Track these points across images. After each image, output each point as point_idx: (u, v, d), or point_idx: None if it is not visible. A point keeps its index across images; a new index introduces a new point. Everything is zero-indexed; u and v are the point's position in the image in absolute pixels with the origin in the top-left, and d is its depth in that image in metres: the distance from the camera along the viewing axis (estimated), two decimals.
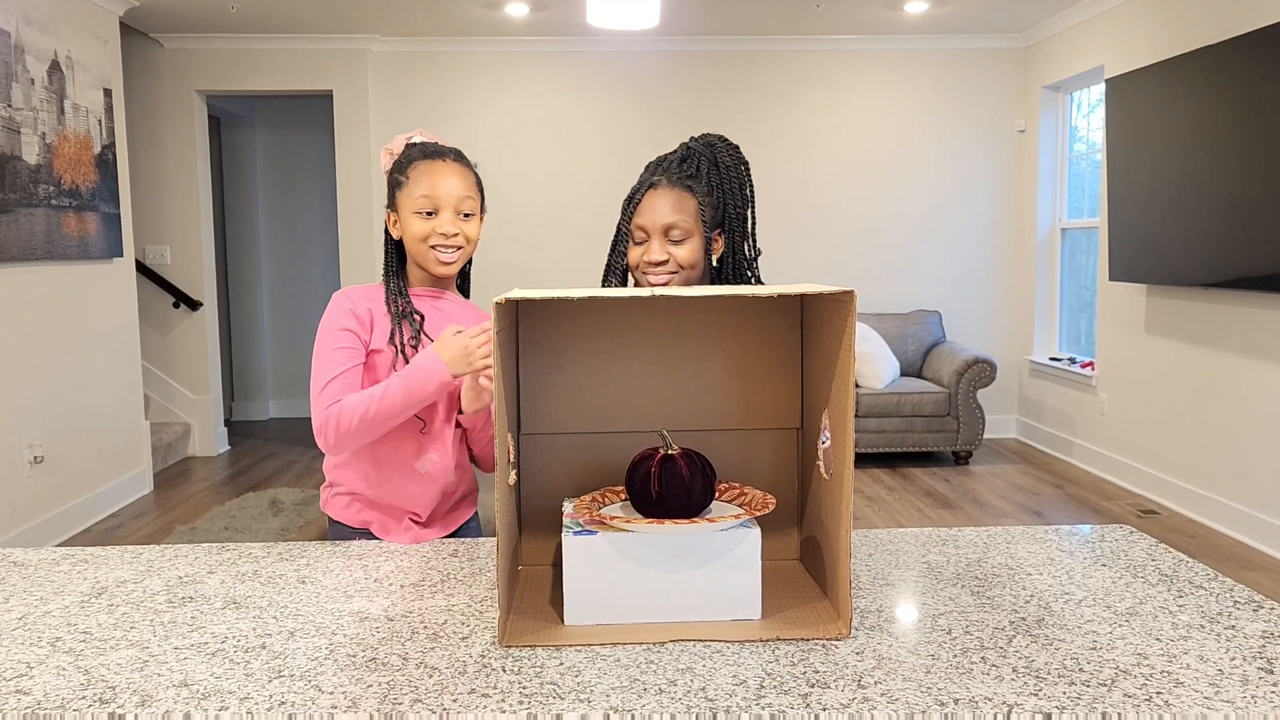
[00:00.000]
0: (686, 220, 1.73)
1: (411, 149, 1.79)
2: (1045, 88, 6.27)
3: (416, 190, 1.73)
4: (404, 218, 1.75)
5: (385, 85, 6.42)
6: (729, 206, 1.77)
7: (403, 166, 1.76)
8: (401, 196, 1.75)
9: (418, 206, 1.72)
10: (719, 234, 1.79)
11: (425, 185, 1.72)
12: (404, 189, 1.75)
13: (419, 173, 1.74)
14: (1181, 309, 4.84)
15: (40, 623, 1.26)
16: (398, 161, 1.78)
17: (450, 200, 1.73)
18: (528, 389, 1.46)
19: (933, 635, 1.18)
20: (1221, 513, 4.55)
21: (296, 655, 1.14)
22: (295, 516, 4.91)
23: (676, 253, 1.74)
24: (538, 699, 1.03)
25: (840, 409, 1.23)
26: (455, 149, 1.81)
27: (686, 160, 1.78)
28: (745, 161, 1.79)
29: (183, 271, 6.34)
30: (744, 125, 6.52)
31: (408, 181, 1.74)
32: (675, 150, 1.81)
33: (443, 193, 1.72)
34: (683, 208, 1.73)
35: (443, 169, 1.74)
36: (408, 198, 1.74)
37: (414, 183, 1.73)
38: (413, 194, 1.73)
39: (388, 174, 1.81)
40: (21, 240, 4.27)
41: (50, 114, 4.52)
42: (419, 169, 1.74)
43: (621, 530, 1.23)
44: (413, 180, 1.74)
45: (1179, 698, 1.02)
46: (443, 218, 1.72)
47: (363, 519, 1.80)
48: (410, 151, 1.78)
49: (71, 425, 4.71)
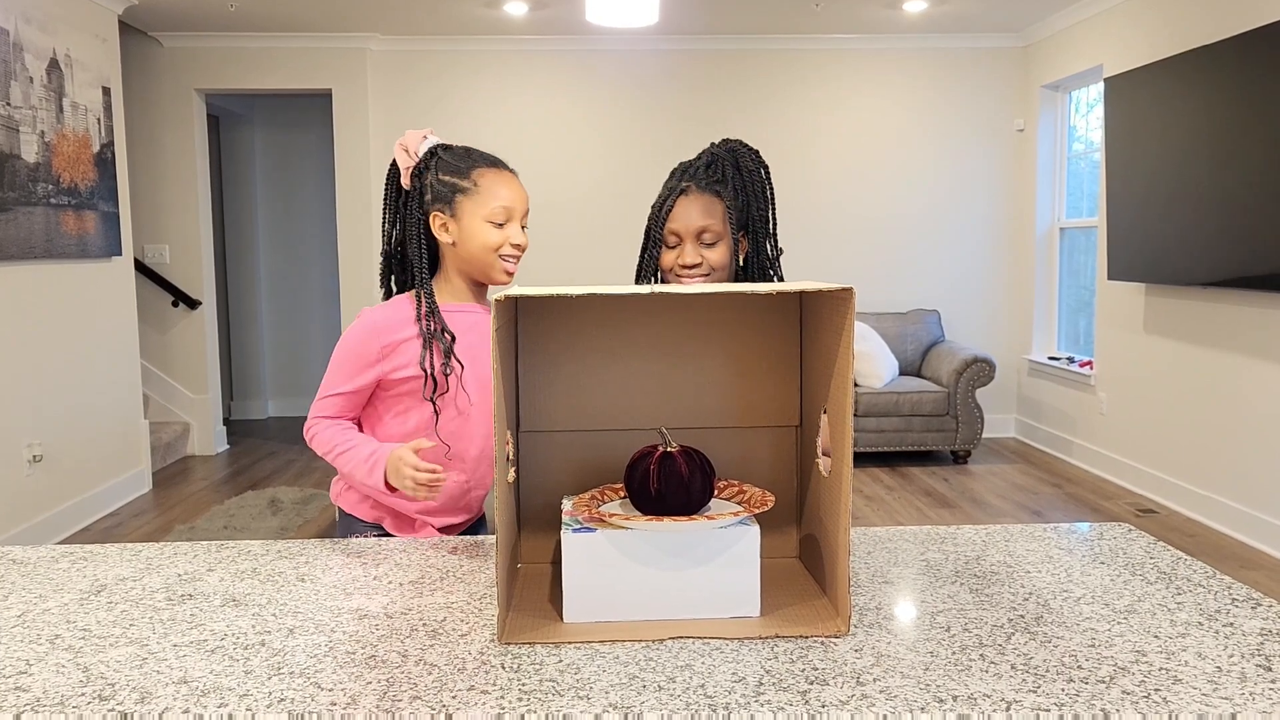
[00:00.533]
0: (717, 224, 1.82)
1: (469, 153, 1.77)
2: (1044, 87, 6.27)
3: (492, 199, 1.72)
4: (471, 224, 1.72)
5: (384, 84, 6.42)
6: (752, 209, 1.85)
7: (464, 172, 1.73)
8: (467, 202, 1.72)
9: (493, 216, 1.71)
10: (743, 235, 1.86)
11: (501, 195, 1.72)
12: (472, 195, 1.72)
13: (490, 181, 1.73)
14: (1180, 308, 4.84)
15: (39, 620, 1.26)
16: (451, 165, 1.75)
17: (520, 210, 1.75)
18: (527, 386, 1.46)
19: (931, 633, 1.18)
20: (1220, 512, 4.55)
21: (296, 652, 1.14)
22: (294, 515, 4.91)
23: (709, 255, 1.82)
24: (537, 696, 1.03)
25: (839, 407, 1.24)
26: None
27: (712, 166, 1.86)
28: (765, 165, 1.89)
29: (181, 270, 6.34)
30: (743, 124, 6.52)
31: (476, 189, 1.72)
32: (700, 156, 1.88)
33: (518, 204, 1.74)
34: (712, 212, 1.82)
35: (512, 180, 1.76)
36: (479, 205, 1.71)
37: (486, 191, 1.72)
38: (487, 202, 1.71)
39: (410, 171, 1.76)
40: (20, 239, 4.26)
41: (49, 112, 4.52)
42: (489, 177, 1.73)
43: (620, 528, 1.23)
44: (484, 188, 1.72)
45: (1177, 695, 1.02)
46: (513, 227, 1.73)
47: (376, 515, 1.82)
48: (467, 156, 1.76)
49: (70, 424, 4.71)
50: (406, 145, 1.77)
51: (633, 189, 6.56)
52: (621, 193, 6.56)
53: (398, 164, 1.79)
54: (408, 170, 1.77)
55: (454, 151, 1.77)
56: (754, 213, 1.85)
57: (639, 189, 6.56)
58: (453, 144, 1.80)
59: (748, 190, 1.84)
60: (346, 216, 6.40)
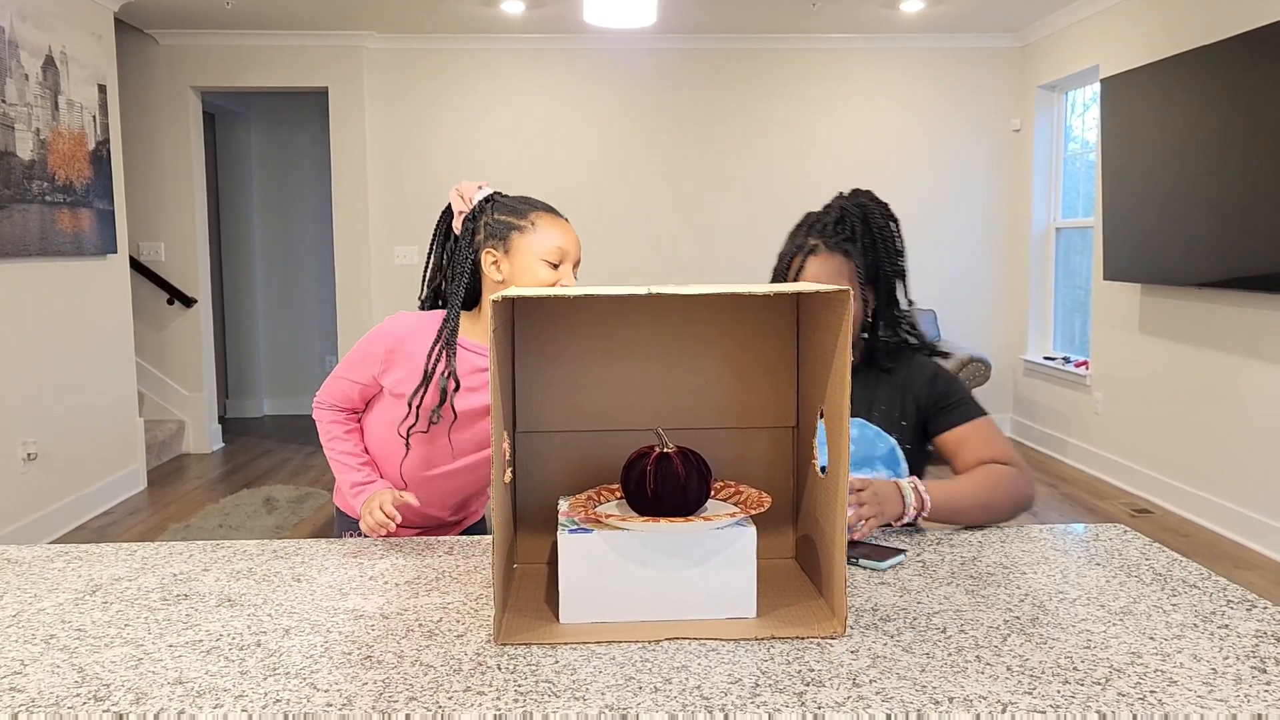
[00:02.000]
0: (844, 284, 1.82)
1: (527, 199, 1.81)
2: (1040, 87, 6.28)
3: (549, 240, 1.75)
4: (525, 262, 1.75)
5: (381, 82, 6.41)
6: (881, 265, 1.86)
7: (521, 212, 1.77)
8: (523, 241, 1.75)
9: (550, 256, 1.75)
10: (872, 289, 1.87)
11: (559, 238, 1.76)
12: (528, 234, 1.75)
13: (547, 224, 1.77)
14: (1176, 308, 4.85)
15: (34, 620, 1.25)
16: (508, 205, 1.79)
17: (574, 255, 1.79)
18: (524, 387, 1.46)
19: (927, 634, 1.18)
20: (1215, 512, 4.56)
21: (291, 653, 1.14)
22: (290, 514, 4.91)
23: None
24: (533, 697, 1.03)
25: (836, 408, 1.24)
26: None
27: (841, 222, 1.87)
28: (895, 219, 1.89)
29: (177, 268, 6.33)
30: (739, 123, 6.52)
31: (534, 229, 1.76)
32: (829, 210, 1.90)
33: (572, 249, 1.78)
34: (841, 272, 1.83)
35: (568, 226, 1.80)
36: (536, 244, 1.75)
37: (543, 232, 1.76)
38: (545, 243, 1.75)
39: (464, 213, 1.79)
40: (15, 236, 4.25)
41: (44, 110, 4.51)
42: (545, 220, 1.77)
43: (617, 528, 1.23)
44: (540, 229, 1.76)
45: (1173, 696, 1.02)
46: (565, 269, 1.77)
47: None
48: (525, 200, 1.80)
49: (65, 422, 4.70)
50: (462, 192, 1.81)
51: (630, 188, 6.56)
52: (619, 192, 6.56)
53: (452, 208, 1.83)
54: (460, 215, 1.80)
55: (512, 197, 1.82)
56: (884, 268, 1.86)
57: (636, 188, 6.56)
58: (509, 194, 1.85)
59: (876, 247, 1.86)
60: (342, 215, 6.39)
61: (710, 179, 6.57)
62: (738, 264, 6.59)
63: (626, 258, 6.59)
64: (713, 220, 6.59)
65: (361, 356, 1.79)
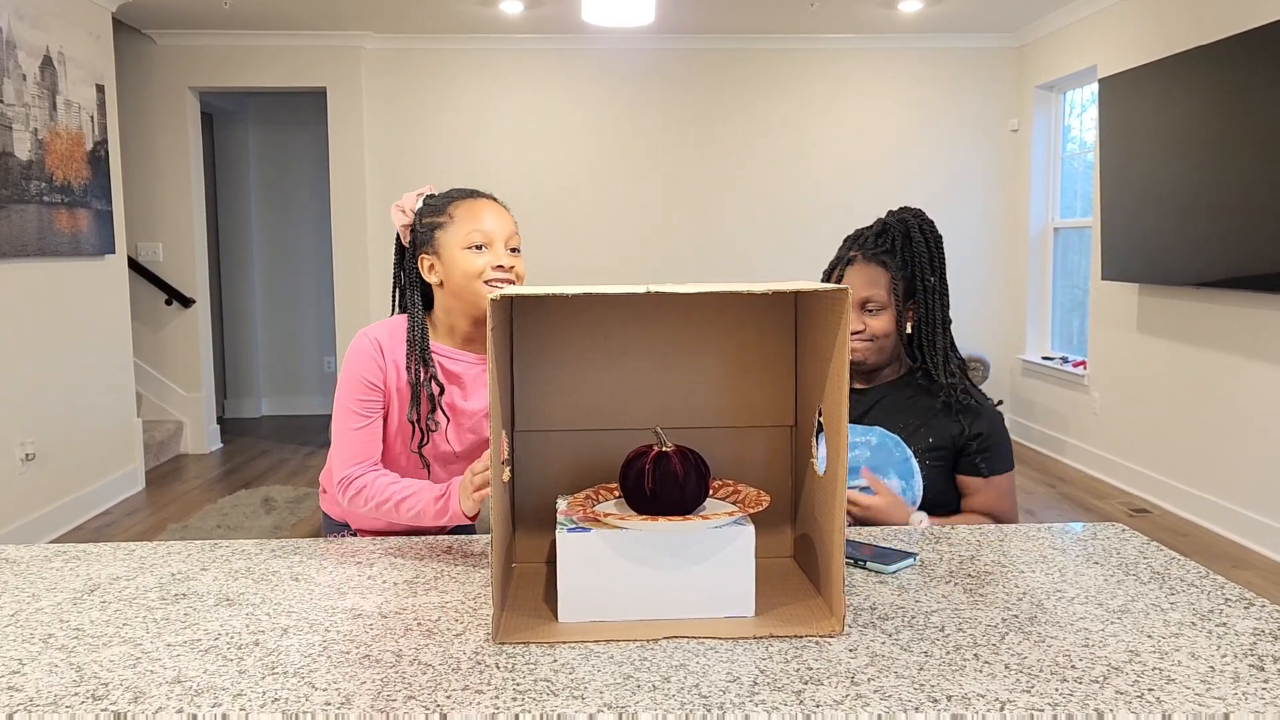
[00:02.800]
0: (881, 294, 1.88)
1: (448, 192, 1.75)
2: (1038, 87, 6.28)
3: (466, 226, 1.68)
4: (451, 255, 1.68)
5: (379, 82, 6.41)
6: (920, 279, 1.90)
7: (440, 209, 1.71)
8: (445, 236, 1.69)
9: (469, 241, 1.67)
10: (912, 303, 1.92)
11: (475, 220, 1.68)
12: (448, 228, 1.69)
13: (464, 210, 1.70)
14: (1173, 308, 4.85)
15: (32, 619, 1.25)
16: (431, 205, 1.73)
17: (502, 233, 1.69)
18: (522, 386, 1.46)
19: (926, 632, 1.19)
20: (1213, 511, 4.57)
21: (290, 652, 1.14)
22: (288, 514, 4.91)
23: (872, 323, 1.89)
24: (531, 696, 1.03)
25: (835, 406, 1.24)
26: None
27: (882, 235, 1.93)
28: (938, 236, 1.94)
29: (175, 268, 6.32)
30: (738, 123, 6.52)
31: (452, 220, 1.69)
32: (873, 224, 1.96)
33: (494, 226, 1.69)
34: (877, 282, 1.88)
35: (489, 205, 1.72)
36: (455, 235, 1.68)
37: (460, 220, 1.69)
38: (462, 229, 1.68)
39: (407, 225, 1.74)
40: (13, 237, 4.25)
41: (42, 110, 4.51)
42: (463, 207, 1.70)
43: (615, 527, 1.23)
44: (459, 218, 1.69)
45: (1170, 695, 1.02)
46: (496, 250, 1.68)
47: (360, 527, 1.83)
48: (446, 195, 1.74)
49: (63, 422, 4.70)
50: (403, 206, 1.75)
51: (628, 187, 6.56)
52: (617, 191, 6.56)
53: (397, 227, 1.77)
54: (405, 229, 1.75)
55: (438, 195, 1.75)
56: (923, 282, 1.90)
57: (634, 187, 6.56)
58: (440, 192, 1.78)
59: (917, 260, 1.90)
60: (340, 215, 6.39)
61: (708, 178, 6.57)
62: (736, 263, 6.59)
63: (625, 257, 6.59)
64: (711, 219, 6.60)
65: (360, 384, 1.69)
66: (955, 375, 1.89)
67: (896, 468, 1.84)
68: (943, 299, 1.92)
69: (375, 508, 1.64)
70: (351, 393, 1.69)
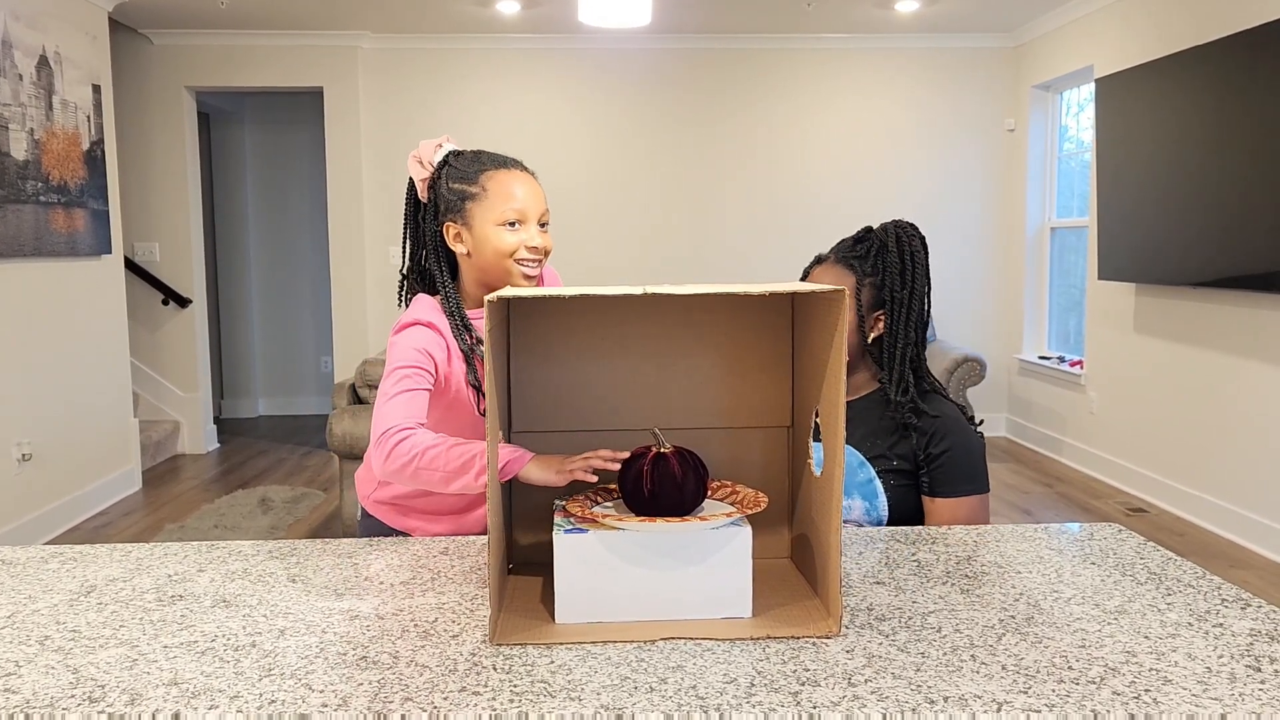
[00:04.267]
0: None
1: (478, 156, 1.68)
2: (1035, 87, 6.29)
3: (501, 201, 1.62)
4: (483, 231, 1.63)
5: (376, 82, 6.40)
6: (890, 289, 1.81)
7: (471, 177, 1.65)
8: (477, 208, 1.63)
9: (504, 218, 1.62)
10: (880, 314, 1.83)
11: (509, 196, 1.63)
12: (481, 200, 1.63)
13: (499, 183, 1.64)
14: (1170, 308, 4.86)
15: (28, 621, 1.25)
16: (460, 171, 1.66)
17: (535, 210, 1.64)
18: (519, 387, 1.46)
19: (922, 633, 1.19)
20: (1210, 511, 4.57)
21: (287, 653, 1.14)
22: (285, 514, 4.90)
23: None
24: (528, 697, 1.03)
25: (831, 407, 1.24)
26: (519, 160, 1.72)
27: (860, 242, 1.86)
28: (919, 251, 1.82)
29: (172, 268, 6.32)
30: (735, 123, 6.52)
31: (485, 193, 1.63)
32: (858, 232, 1.89)
33: (531, 204, 1.64)
34: (842, 283, 1.80)
35: (523, 178, 1.66)
36: (489, 209, 1.63)
37: (494, 194, 1.63)
38: (496, 205, 1.62)
39: (426, 180, 1.68)
40: (9, 237, 4.24)
41: (39, 110, 4.50)
42: (498, 179, 1.64)
43: (613, 529, 1.23)
44: (492, 191, 1.63)
45: (1167, 695, 1.02)
46: (529, 229, 1.64)
47: (406, 524, 1.80)
48: (476, 159, 1.67)
49: (60, 423, 4.69)
50: (420, 156, 1.69)
51: (625, 188, 6.56)
52: (614, 192, 6.56)
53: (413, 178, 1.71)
54: (424, 183, 1.69)
55: (464, 157, 1.68)
56: (892, 293, 1.80)
57: (631, 188, 6.56)
58: (465, 150, 1.70)
59: (888, 270, 1.81)
60: (337, 215, 6.39)
61: (706, 178, 6.57)
62: (734, 263, 6.59)
63: (622, 257, 6.59)
64: (708, 220, 6.60)
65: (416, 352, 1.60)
66: (907, 394, 1.80)
67: (860, 489, 1.78)
68: (911, 314, 1.81)
69: (423, 453, 1.49)
70: (406, 359, 1.59)
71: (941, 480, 1.78)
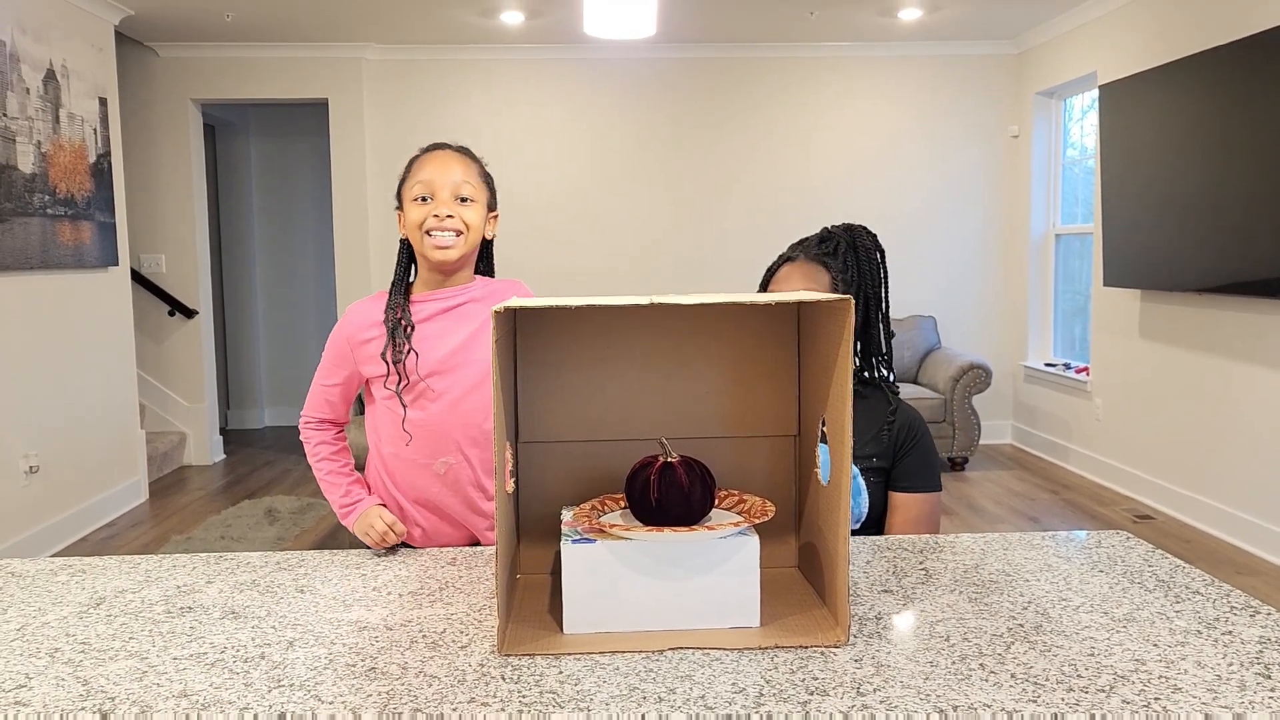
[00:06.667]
0: (819, 290, 1.82)
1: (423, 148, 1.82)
2: (1038, 94, 6.29)
3: (413, 179, 1.75)
4: (406, 210, 1.76)
5: (380, 93, 6.42)
6: (864, 286, 1.84)
7: (409, 166, 1.79)
8: (404, 192, 1.77)
9: (415, 193, 1.73)
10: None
11: (423, 172, 1.74)
12: (405, 183, 1.77)
13: (417, 164, 1.77)
14: (1175, 314, 4.85)
15: (39, 633, 1.25)
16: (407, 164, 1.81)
17: (446, 183, 1.73)
18: (526, 397, 1.47)
19: (931, 642, 1.18)
20: (1217, 518, 4.56)
21: (296, 665, 1.14)
22: (291, 525, 4.91)
23: None
24: (537, 707, 1.03)
25: (838, 415, 1.24)
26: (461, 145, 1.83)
27: (826, 240, 1.88)
28: (882, 249, 1.87)
29: (178, 280, 6.33)
30: (739, 132, 6.53)
31: (408, 175, 1.77)
32: (818, 233, 1.91)
33: (438, 177, 1.73)
34: (816, 279, 1.83)
35: (442, 155, 1.76)
36: (408, 190, 1.76)
37: (412, 174, 1.76)
38: (410, 184, 1.75)
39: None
40: (16, 249, 4.26)
41: (45, 123, 4.52)
42: (418, 161, 1.77)
43: (621, 538, 1.23)
44: (411, 173, 1.76)
45: (1177, 703, 1.02)
46: (437, 200, 1.72)
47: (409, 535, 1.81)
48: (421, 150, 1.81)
49: (66, 434, 4.70)
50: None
51: (630, 197, 6.57)
52: (619, 201, 6.57)
53: None
54: None
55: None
56: (866, 291, 1.84)
57: (636, 197, 6.57)
58: None
59: (861, 269, 1.84)
60: (342, 226, 6.40)
61: (710, 188, 6.58)
62: (739, 272, 6.60)
63: (627, 267, 6.59)
64: (713, 229, 6.60)
65: (332, 357, 1.81)
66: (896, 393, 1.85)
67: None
68: (883, 308, 1.85)
69: (313, 459, 1.84)
70: (328, 365, 1.83)
71: (910, 475, 1.84)
